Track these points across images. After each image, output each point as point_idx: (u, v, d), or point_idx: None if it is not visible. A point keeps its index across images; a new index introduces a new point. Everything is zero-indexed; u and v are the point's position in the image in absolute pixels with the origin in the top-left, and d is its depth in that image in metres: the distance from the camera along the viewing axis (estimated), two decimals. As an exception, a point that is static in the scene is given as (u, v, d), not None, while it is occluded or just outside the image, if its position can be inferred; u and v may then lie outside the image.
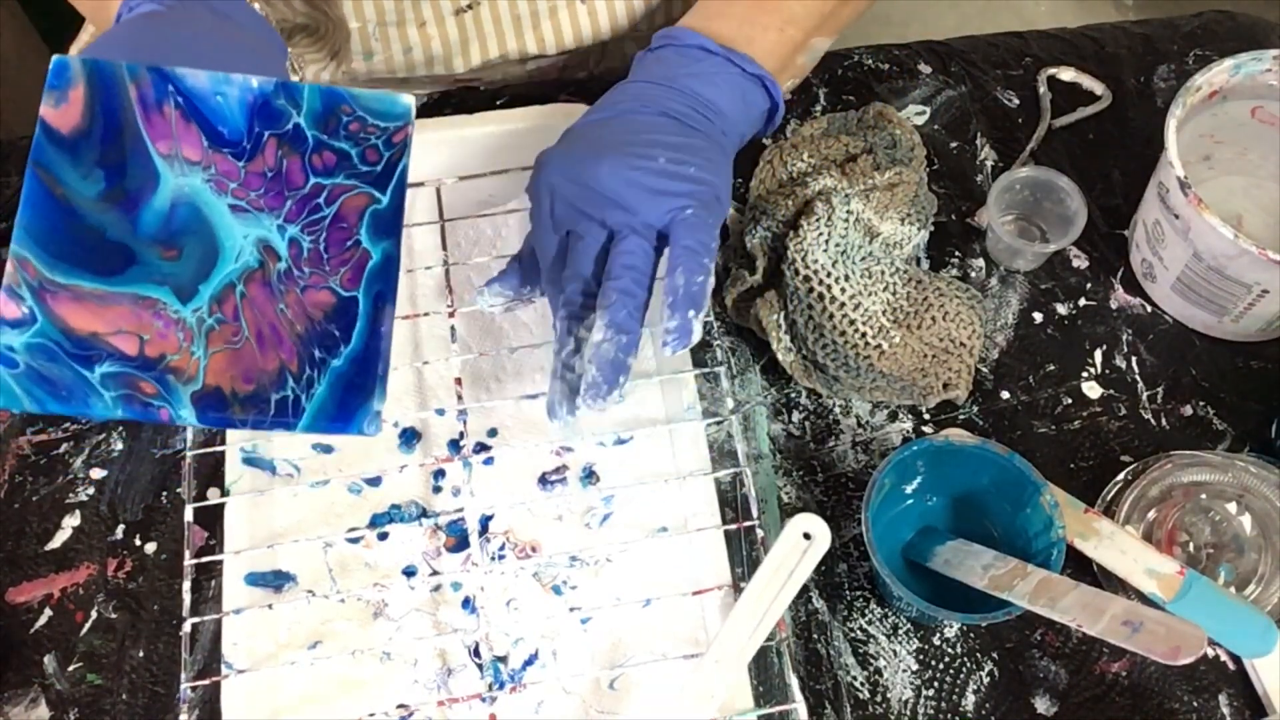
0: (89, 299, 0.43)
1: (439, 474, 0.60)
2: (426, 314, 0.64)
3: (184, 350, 0.44)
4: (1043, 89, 0.74)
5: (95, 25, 0.66)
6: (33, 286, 0.42)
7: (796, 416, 0.63)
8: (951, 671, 0.56)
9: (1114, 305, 0.67)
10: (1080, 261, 0.68)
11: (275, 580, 0.57)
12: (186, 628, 0.54)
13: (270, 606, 0.55)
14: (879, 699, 0.55)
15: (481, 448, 0.61)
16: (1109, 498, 0.59)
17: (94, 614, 0.57)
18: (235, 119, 0.45)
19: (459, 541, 0.58)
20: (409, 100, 0.47)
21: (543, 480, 0.60)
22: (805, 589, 0.58)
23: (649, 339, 0.64)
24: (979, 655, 0.56)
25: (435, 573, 0.58)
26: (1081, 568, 0.57)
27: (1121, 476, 0.59)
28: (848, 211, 0.61)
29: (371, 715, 0.53)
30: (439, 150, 0.66)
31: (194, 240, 0.44)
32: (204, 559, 0.56)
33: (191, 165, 0.44)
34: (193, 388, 0.44)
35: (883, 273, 0.62)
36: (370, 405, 0.45)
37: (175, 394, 0.44)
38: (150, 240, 0.44)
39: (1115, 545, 0.55)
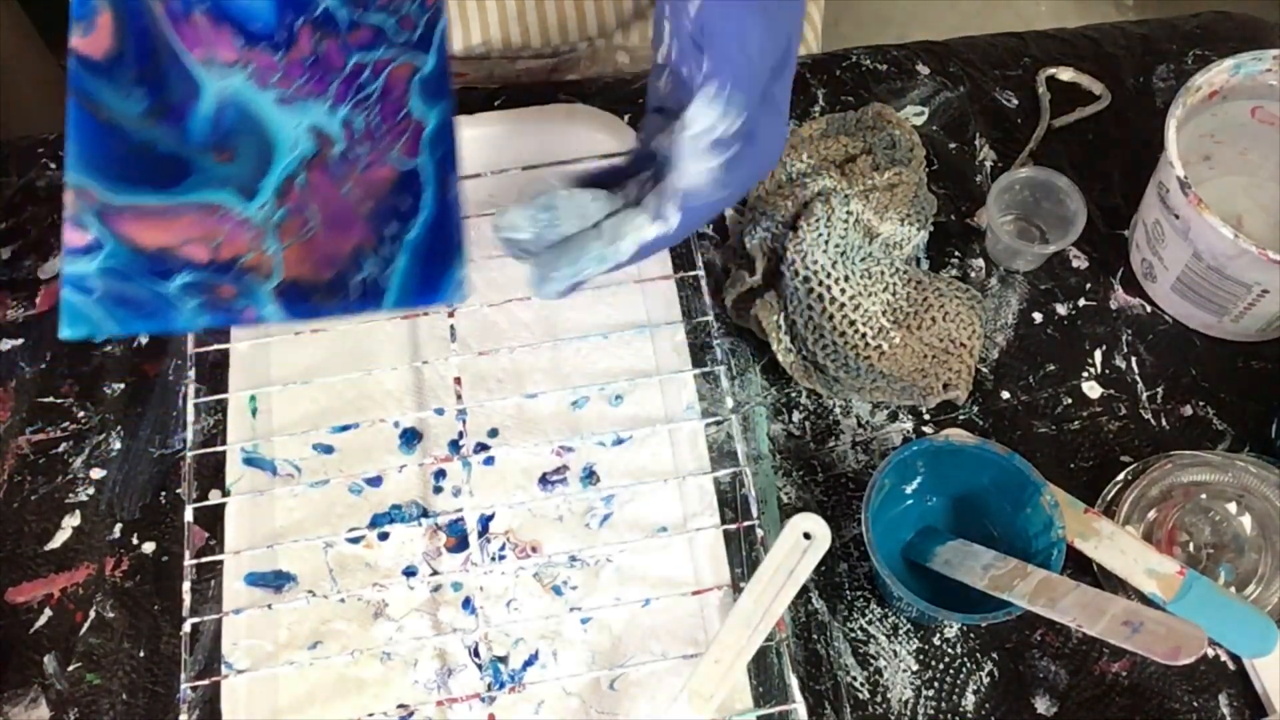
0: (153, 214, 0.42)
1: (439, 474, 0.60)
2: (426, 314, 0.64)
3: (257, 248, 0.43)
4: (1042, 89, 0.74)
5: None
6: (95, 212, 0.42)
7: (796, 417, 0.63)
8: (951, 672, 0.56)
9: (1114, 305, 0.67)
10: (1080, 262, 0.68)
11: (275, 580, 0.57)
12: (186, 628, 0.54)
13: (270, 607, 0.55)
14: (879, 699, 0.55)
15: (481, 448, 0.61)
16: (1109, 498, 0.59)
17: (93, 614, 0.57)
18: (265, 13, 0.44)
19: (459, 541, 0.58)
20: None
21: (543, 480, 0.60)
22: (805, 589, 0.58)
23: (650, 337, 0.64)
24: (979, 655, 0.56)
25: (435, 573, 0.58)
26: (1081, 568, 0.57)
27: (1121, 476, 0.59)
28: (847, 212, 0.61)
29: (371, 715, 0.53)
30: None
31: (246, 139, 0.44)
32: (204, 559, 0.56)
33: (229, 66, 0.44)
34: (272, 283, 0.43)
35: (882, 273, 0.62)
36: (454, 271, 0.44)
37: (255, 293, 0.43)
38: (202, 147, 0.43)
39: (1115, 545, 0.55)
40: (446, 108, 0.45)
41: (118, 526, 0.60)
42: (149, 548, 0.59)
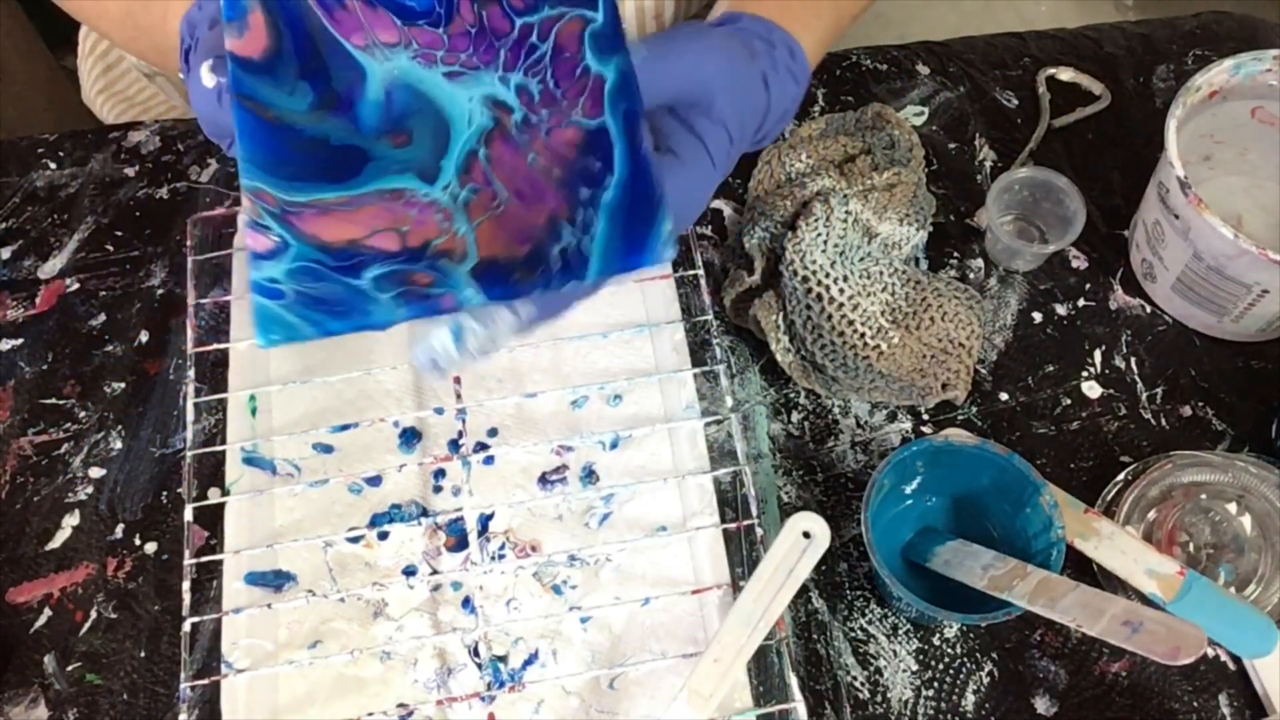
0: (335, 209, 0.41)
1: (439, 474, 0.60)
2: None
3: (447, 230, 0.41)
4: (1042, 89, 0.74)
5: (138, 51, 0.61)
6: (275, 213, 0.40)
7: (795, 417, 0.63)
8: (951, 672, 0.56)
9: (1113, 305, 0.67)
10: (1080, 262, 0.68)
11: (275, 580, 0.57)
12: (186, 627, 0.54)
13: (270, 606, 0.55)
14: (879, 699, 0.55)
15: (481, 447, 0.61)
16: (1109, 498, 0.59)
17: (94, 614, 0.57)
18: None
19: (459, 541, 0.58)
20: None
21: (542, 480, 0.60)
22: (805, 589, 0.58)
23: (649, 337, 0.64)
24: (979, 655, 0.56)
25: (435, 572, 0.58)
26: (1081, 568, 0.57)
27: (1121, 477, 0.59)
28: (846, 212, 0.61)
29: (371, 715, 0.53)
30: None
31: (420, 119, 0.42)
32: (204, 559, 0.56)
33: (392, 48, 0.42)
34: (468, 265, 0.41)
35: (881, 273, 0.62)
36: (660, 228, 0.42)
37: (452, 277, 0.41)
38: (376, 133, 0.41)
39: (1115, 545, 0.55)
40: (624, 59, 0.43)
41: (120, 527, 0.60)
42: (150, 547, 0.59)
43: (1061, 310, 0.66)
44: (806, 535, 0.53)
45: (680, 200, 0.45)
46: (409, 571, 0.58)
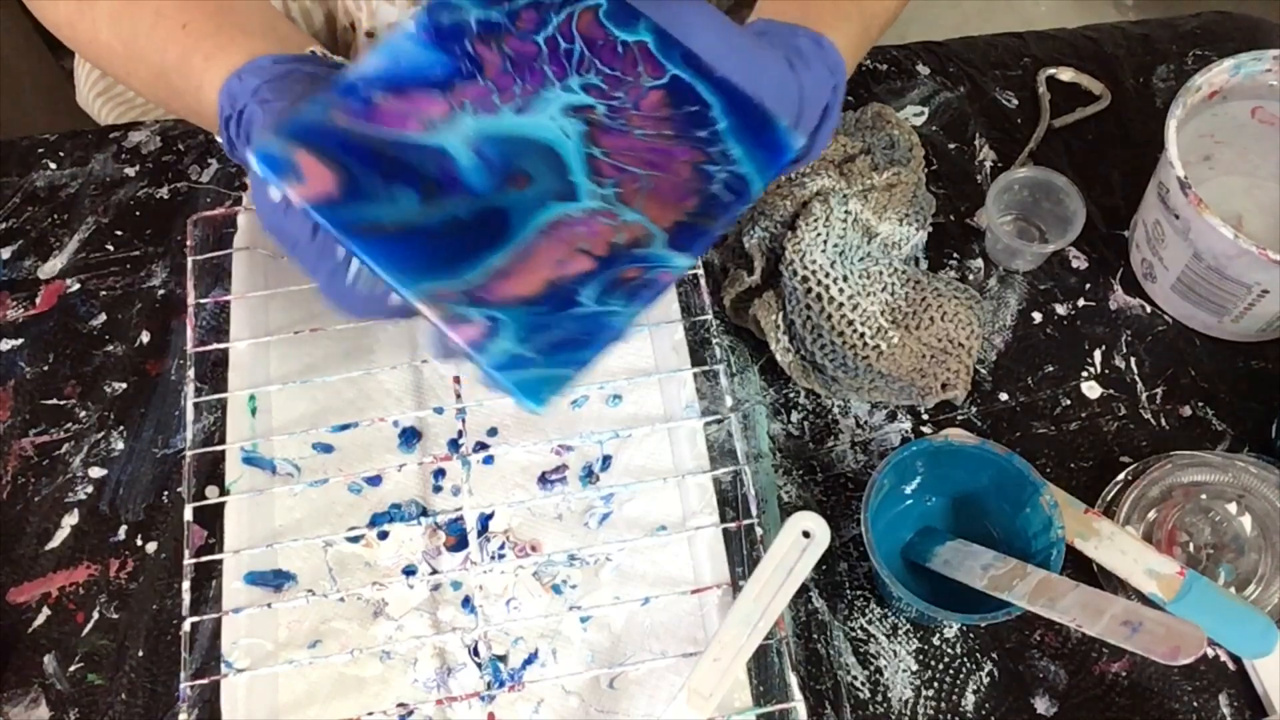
0: (512, 266, 0.40)
1: (439, 473, 0.60)
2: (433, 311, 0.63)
3: (620, 225, 0.42)
4: (1042, 89, 0.74)
5: (175, 110, 0.60)
6: (464, 301, 0.40)
7: (795, 417, 0.63)
8: (951, 671, 0.56)
9: (1113, 305, 0.67)
10: (1079, 262, 0.68)
11: (275, 579, 0.57)
12: (186, 627, 0.54)
13: (270, 606, 0.55)
14: (879, 699, 0.55)
15: (481, 447, 0.61)
16: (1109, 498, 0.59)
17: (95, 614, 0.58)
18: (431, 57, 0.42)
19: (459, 541, 0.58)
20: None
21: (542, 479, 0.60)
22: (805, 588, 0.58)
23: (649, 336, 0.64)
24: (979, 655, 0.56)
25: (435, 572, 0.58)
26: (1081, 568, 0.57)
27: (1121, 477, 0.59)
28: (846, 212, 0.61)
29: (371, 714, 0.53)
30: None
31: (525, 158, 0.42)
32: (204, 558, 0.56)
33: (450, 116, 0.42)
34: (659, 240, 0.42)
35: (881, 273, 0.62)
36: (778, 126, 0.44)
37: (655, 256, 0.41)
38: (496, 188, 0.42)
39: (1115, 545, 0.55)
40: (647, 20, 0.44)
41: (121, 527, 0.60)
42: (150, 547, 0.59)
43: (1061, 310, 0.66)
44: (806, 535, 0.53)
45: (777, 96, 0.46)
46: (409, 571, 0.58)
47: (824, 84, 0.49)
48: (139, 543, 0.59)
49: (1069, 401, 0.63)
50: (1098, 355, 0.65)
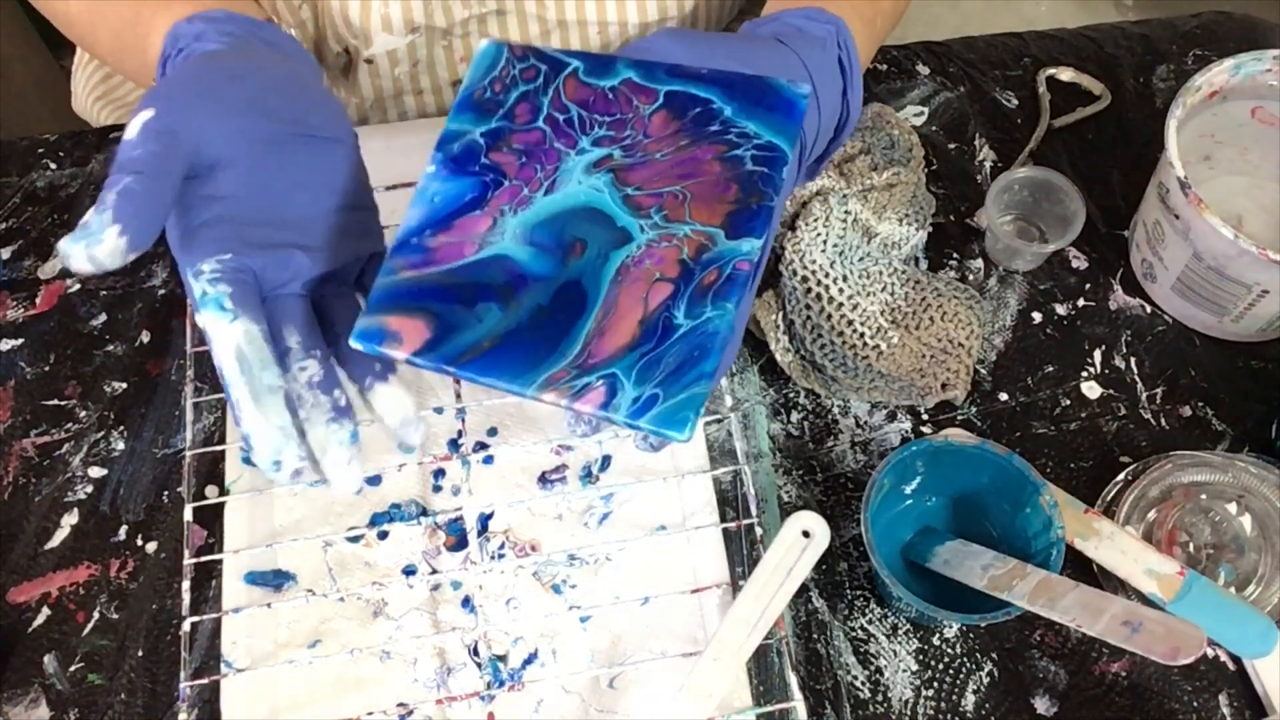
0: (605, 324, 0.42)
1: (438, 473, 0.60)
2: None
3: (680, 241, 0.43)
4: (1042, 89, 0.74)
5: (128, 71, 0.60)
6: (576, 374, 0.42)
7: (795, 417, 0.63)
8: (951, 671, 0.56)
9: (1113, 305, 0.67)
10: (1079, 262, 0.68)
11: (275, 579, 0.57)
12: (186, 626, 0.54)
13: (270, 605, 0.55)
14: (879, 698, 0.55)
15: (481, 446, 0.61)
16: (1109, 498, 0.59)
17: (95, 614, 0.58)
18: (461, 186, 0.45)
19: (458, 540, 0.58)
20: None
21: (542, 479, 0.60)
22: (805, 588, 0.58)
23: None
24: (979, 655, 0.56)
25: (435, 571, 0.58)
26: (1081, 568, 0.57)
27: (1121, 477, 0.59)
28: (845, 212, 0.61)
29: (370, 714, 0.53)
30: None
31: (571, 226, 0.44)
32: (204, 558, 0.56)
33: (495, 227, 0.45)
34: (721, 239, 0.43)
35: (880, 273, 0.62)
36: (790, 91, 0.45)
37: (722, 253, 0.43)
38: (560, 266, 0.43)
39: (1115, 545, 0.55)
40: (623, 59, 0.46)
41: (121, 528, 0.60)
42: (151, 547, 0.59)
43: (1061, 310, 0.66)
44: (806, 534, 0.53)
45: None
46: (409, 571, 0.58)
47: (820, 37, 0.50)
48: (139, 543, 0.59)
49: (1069, 401, 0.63)
50: (1098, 355, 0.65)
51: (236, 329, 0.43)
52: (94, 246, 0.40)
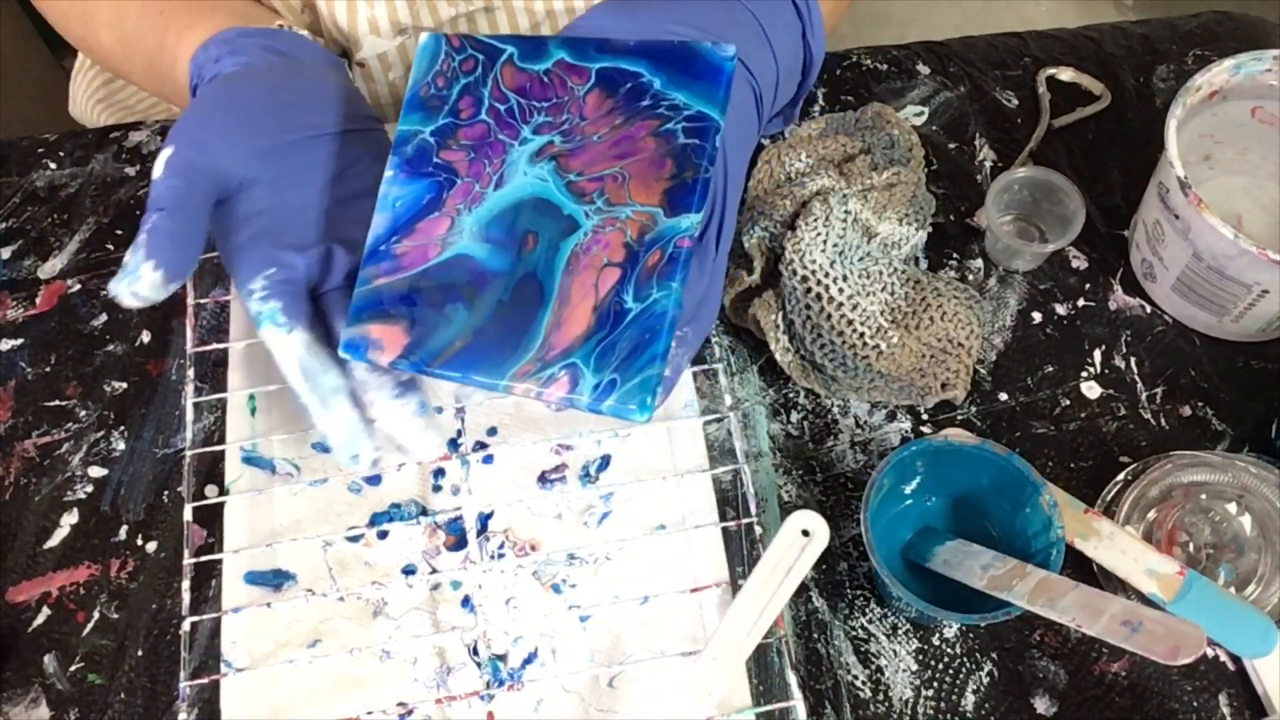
0: (561, 315, 0.44)
1: (438, 472, 0.60)
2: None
3: (624, 224, 0.44)
4: (1042, 89, 0.74)
5: (167, 96, 0.63)
6: (541, 366, 0.43)
7: (795, 416, 0.63)
8: (951, 671, 0.56)
9: (1113, 305, 0.67)
10: (1079, 262, 0.68)
11: (274, 579, 0.57)
12: (186, 626, 0.54)
13: (269, 605, 0.55)
14: (879, 698, 0.55)
15: (480, 446, 0.61)
16: (1109, 498, 0.59)
17: (95, 614, 0.58)
18: (417, 188, 0.47)
19: (458, 540, 0.58)
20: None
21: (542, 478, 0.60)
22: (805, 588, 0.58)
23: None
24: (978, 655, 0.56)
25: (434, 571, 0.58)
26: (1081, 568, 0.57)
27: (1121, 477, 0.59)
28: (845, 212, 0.61)
29: (370, 713, 0.53)
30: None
31: (521, 218, 0.45)
32: (203, 558, 0.56)
33: (453, 226, 0.46)
34: (660, 215, 0.44)
35: (880, 273, 0.62)
36: (701, 49, 0.45)
37: (662, 232, 0.44)
38: (516, 259, 0.45)
39: (1115, 545, 0.55)
40: (554, 39, 0.47)
41: (123, 528, 0.60)
42: (151, 547, 0.59)
43: (1061, 310, 0.66)
44: (805, 533, 0.53)
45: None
46: (408, 570, 0.58)
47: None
48: (139, 542, 0.59)
49: (1069, 401, 0.63)
50: (1097, 355, 0.65)
51: (295, 340, 0.46)
52: (135, 284, 0.43)
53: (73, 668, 0.56)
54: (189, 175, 0.45)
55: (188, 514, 0.57)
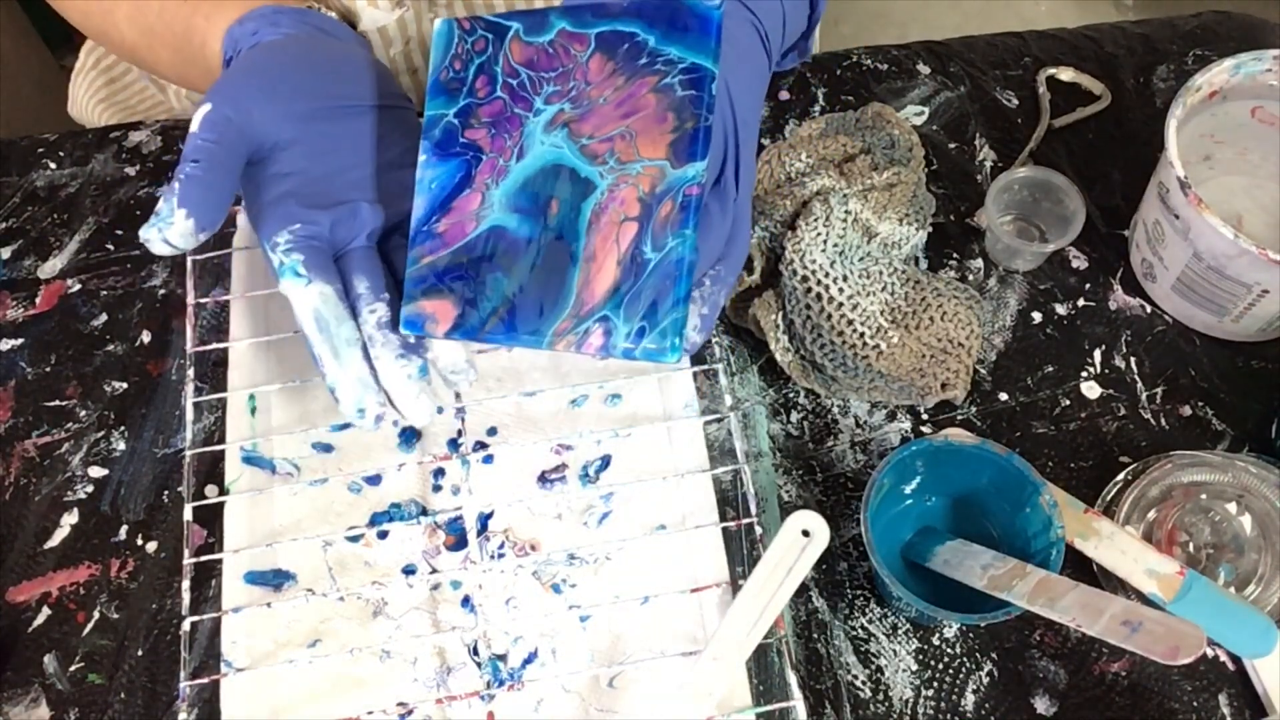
0: (590, 272, 0.46)
1: (438, 472, 0.60)
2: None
3: (636, 179, 0.46)
4: (1042, 89, 0.74)
5: (192, 81, 0.63)
6: (576, 323, 0.46)
7: (795, 416, 0.63)
8: (951, 671, 0.56)
9: (1113, 305, 0.67)
10: (1079, 262, 0.68)
11: (275, 579, 0.57)
12: (186, 626, 0.54)
13: (269, 605, 0.55)
14: (879, 698, 0.55)
15: (480, 446, 0.61)
16: (1109, 498, 0.59)
17: (95, 614, 0.58)
18: (449, 169, 0.49)
19: (458, 540, 0.58)
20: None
21: (542, 478, 0.60)
22: (805, 588, 0.58)
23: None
24: (978, 655, 0.56)
25: (434, 571, 0.58)
26: (1081, 568, 0.57)
27: (1121, 477, 0.59)
28: (846, 212, 0.61)
29: (370, 713, 0.53)
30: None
31: (544, 186, 0.48)
32: (203, 558, 0.56)
33: (485, 200, 0.48)
34: (667, 166, 0.46)
35: (880, 273, 0.62)
36: (687, 2, 0.47)
37: (671, 182, 0.46)
38: (543, 225, 0.47)
39: (1115, 545, 0.55)
40: (554, 10, 0.48)
41: (123, 528, 0.60)
42: (151, 547, 0.59)
43: (1061, 310, 0.66)
44: (806, 534, 0.53)
45: None
46: (408, 570, 0.58)
47: None
48: (139, 542, 0.59)
49: (1069, 401, 0.63)
50: (1097, 355, 0.65)
51: (312, 291, 0.47)
52: (166, 230, 0.45)
53: (73, 668, 0.56)
54: (224, 132, 0.46)
55: (188, 514, 0.57)
